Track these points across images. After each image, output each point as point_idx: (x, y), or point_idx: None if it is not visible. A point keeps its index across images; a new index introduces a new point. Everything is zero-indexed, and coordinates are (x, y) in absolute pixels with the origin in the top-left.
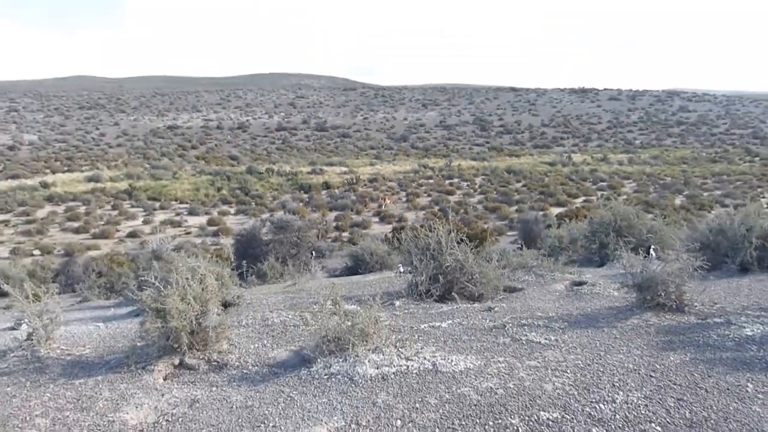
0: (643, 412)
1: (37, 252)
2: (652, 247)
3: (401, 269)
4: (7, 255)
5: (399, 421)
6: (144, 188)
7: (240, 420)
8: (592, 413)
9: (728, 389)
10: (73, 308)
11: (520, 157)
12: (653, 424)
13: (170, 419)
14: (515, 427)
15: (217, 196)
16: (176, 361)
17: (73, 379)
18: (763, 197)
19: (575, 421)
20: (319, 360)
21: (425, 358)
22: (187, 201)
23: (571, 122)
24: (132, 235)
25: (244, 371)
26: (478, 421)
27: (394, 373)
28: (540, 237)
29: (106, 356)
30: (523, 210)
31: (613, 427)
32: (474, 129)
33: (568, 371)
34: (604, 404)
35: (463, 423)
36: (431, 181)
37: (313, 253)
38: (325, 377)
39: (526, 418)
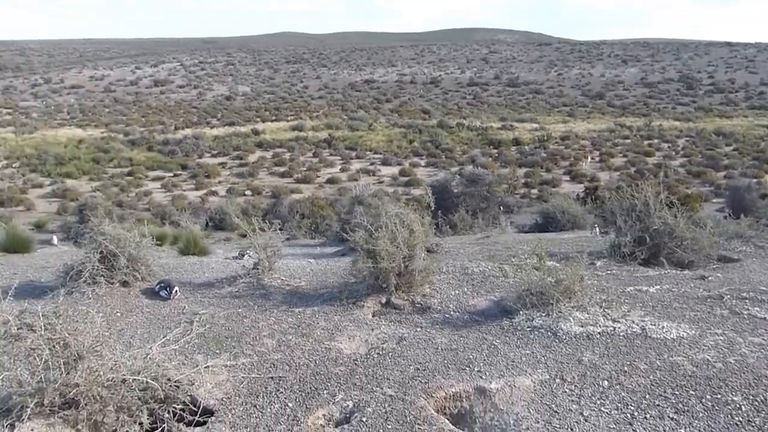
0: None
1: (248, 192)
2: None
3: (597, 229)
4: (224, 194)
5: (606, 382)
6: (342, 138)
7: (446, 361)
8: None
9: None
10: (283, 245)
11: (731, 118)
12: None
13: (381, 353)
14: (737, 405)
15: (409, 148)
16: (383, 300)
17: (292, 307)
18: None
19: None
20: (521, 312)
21: (633, 322)
22: (381, 152)
23: None
24: (330, 181)
25: (446, 315)
26: (693, 393)
27: (599, 333)
28: (753, 206)
29: (320, 289)
30: (732, 176)
31: None
32: (679, 87)
33: None
34: None
35: (676, 393)
36: (628, 141)
37: (501, 207)
38: (528, 330)
39: (751, 397)
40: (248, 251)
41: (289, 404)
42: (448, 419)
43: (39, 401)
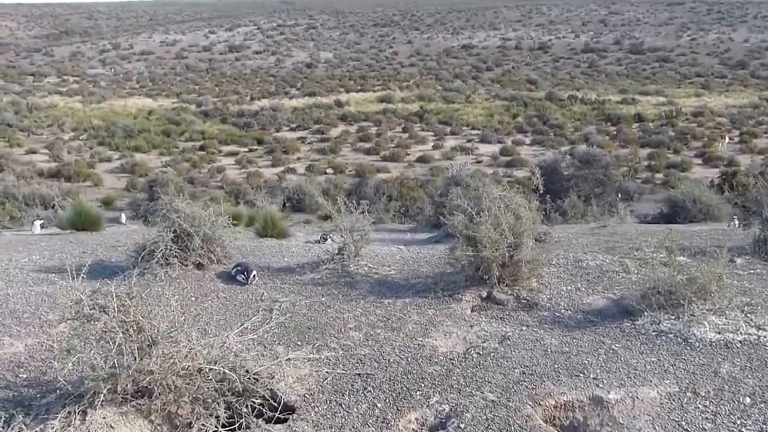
0: None
1: (330, 171)
2: None
3: (737, 222)
4: (303, 171)
5: (748, 399)
6: (435, 111)
7: (556, 365)
8: None
9: None
10: (370, 229)
11: None
12: None
13: (481, 353)
14: None
15: (512, 124)
16: (484, 294)
17: (381, 298)
18: None
19: None
20: (645, 313)
21: None
22: (480, 127)
23: None
24: (421, 159)
25: (556, 314)
26: None
27: (740, 342)
28: None
29: (412, 279)
30: None
31: None
32: None
33: None
34: None
35: None
36: None
37: (619, 193)
38: (654, 334)
39: None
40: (331, 235)
41: (378, 405)
42: (558, 431)
43: (112, 387)
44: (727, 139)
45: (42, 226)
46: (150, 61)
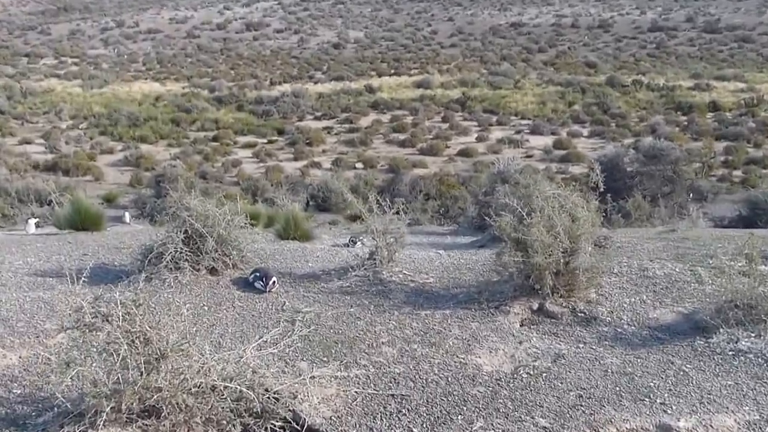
0: None
1: (359, 165)
2: None
3: None
4: (329, 166)
5: None
6: (479, 98)
7: (618, 388)
8: None
9: None
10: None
11: None
12: None
13: (532, 373)
14: None
15: (568, 113)
16: (535, 306)
17: (418, 310)
18: None
19: None
20: (721, 330)
21: None
22: (530, 116)
23: None
24: (463, 153)
25: (618, 330)
26: None
27: None
28: None
29: (452, 288)
30: None
31: None
32: None
33: None
34: None
35: None
36: None
37: (691, 193)
38: (731, 354)
39: None
40: (361, 237)
41: (414, 429)
42: None
43: (116, 406)
44: None
45: (37, 225)
46: (158, 41)
